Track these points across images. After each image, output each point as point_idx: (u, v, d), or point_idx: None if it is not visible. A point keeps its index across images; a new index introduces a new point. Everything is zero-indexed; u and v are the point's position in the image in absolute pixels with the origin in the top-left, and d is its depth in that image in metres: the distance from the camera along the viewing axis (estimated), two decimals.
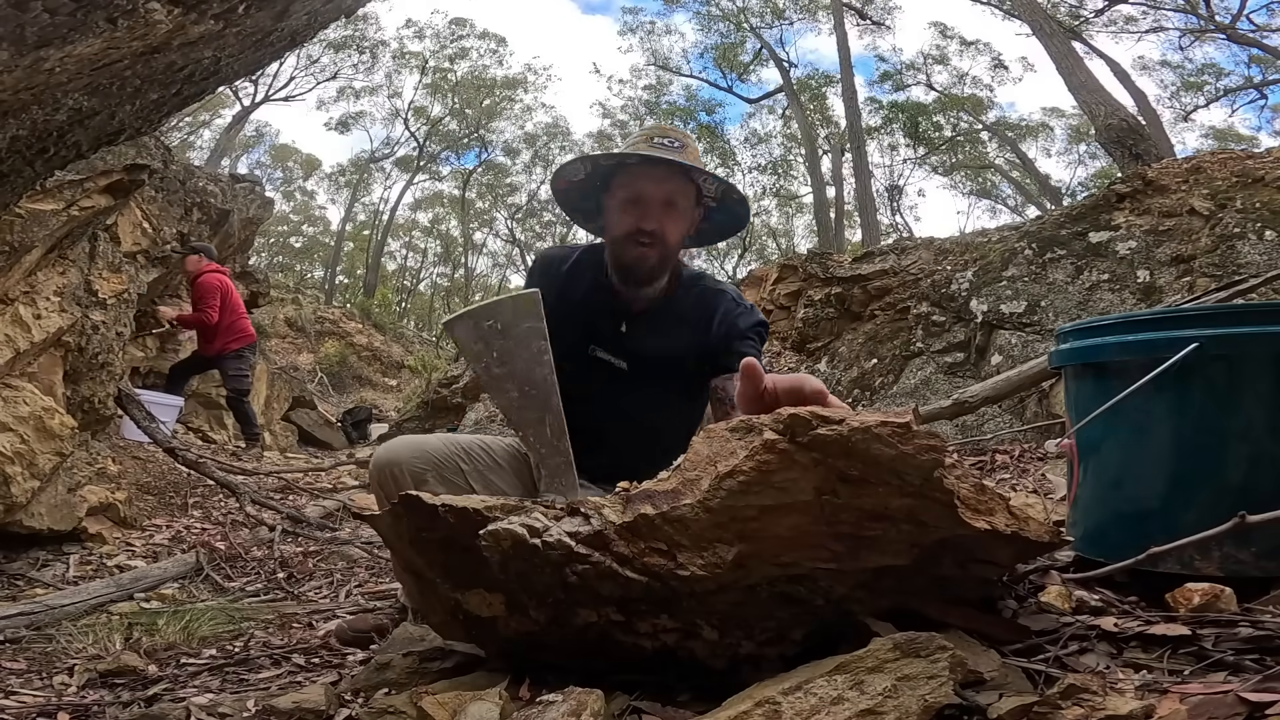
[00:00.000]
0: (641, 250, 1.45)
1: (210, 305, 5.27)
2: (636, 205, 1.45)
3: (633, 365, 1.51)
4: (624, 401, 1.50)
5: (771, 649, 0.84)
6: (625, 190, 1.47)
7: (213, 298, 5.27)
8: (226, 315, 5.41)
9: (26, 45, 1.17)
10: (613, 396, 1.50)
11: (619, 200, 1.48)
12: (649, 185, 1.44)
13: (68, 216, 3.01)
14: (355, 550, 2.87)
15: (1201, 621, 0.86)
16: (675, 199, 1.45)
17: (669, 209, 1.45)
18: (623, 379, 1.51)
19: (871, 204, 15.62)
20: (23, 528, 2.58)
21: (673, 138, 1.49)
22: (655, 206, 1.44)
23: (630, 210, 1.45)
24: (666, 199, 1.45)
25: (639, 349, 1.51)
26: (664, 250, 1.46)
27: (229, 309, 5.44)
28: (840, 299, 4.89)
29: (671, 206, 1.45)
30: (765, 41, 19.86)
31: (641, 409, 1.50)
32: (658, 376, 1.50)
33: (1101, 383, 1.20)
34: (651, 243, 1.44)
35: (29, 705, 1.34)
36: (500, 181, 26.95)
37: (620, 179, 1.48)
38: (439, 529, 0.87)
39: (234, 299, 5.58)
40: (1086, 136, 17.33)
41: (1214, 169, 3.86)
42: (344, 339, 13.60)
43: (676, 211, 1.46)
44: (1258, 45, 13.55)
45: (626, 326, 1.52)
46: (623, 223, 1.46)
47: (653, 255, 1.45)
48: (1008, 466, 2.78)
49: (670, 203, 1.45)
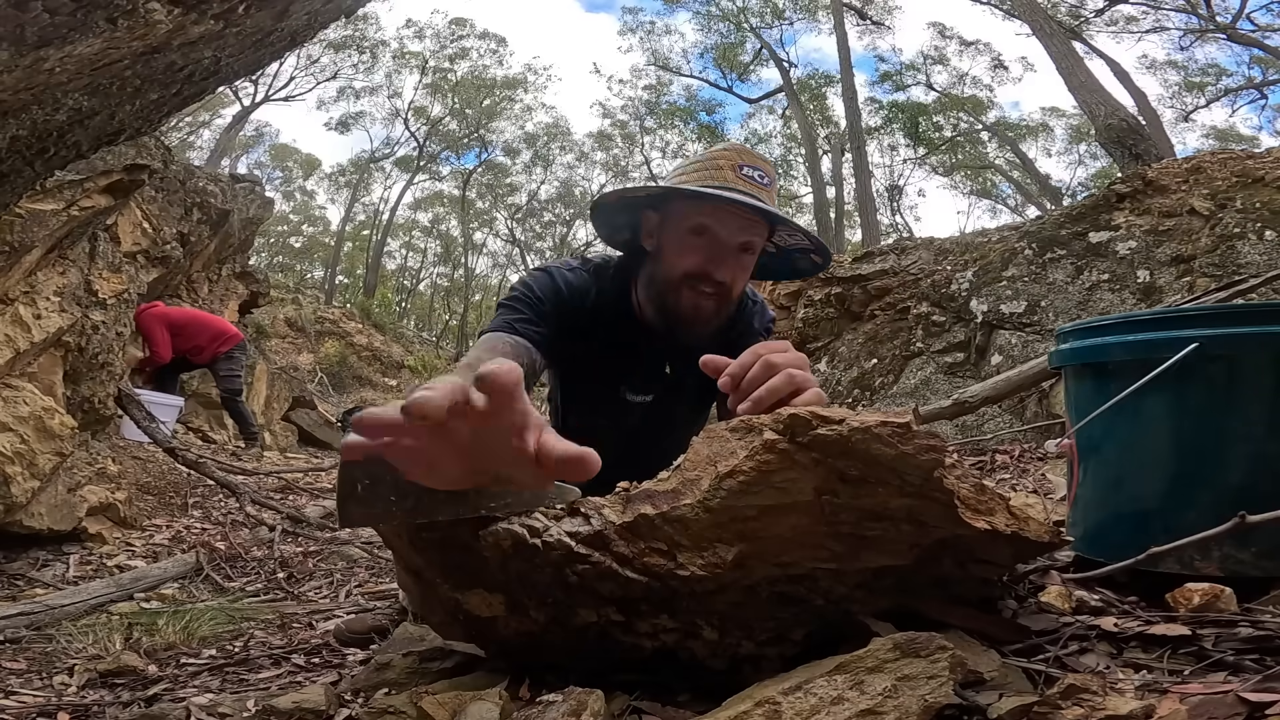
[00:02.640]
0: (701, 298, 1.23)
1: (155, 344, 5.22)
2: (709, 247, 1.22)
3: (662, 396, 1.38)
4: (648, 428, 1.39)
5: (771, 649, 0.84)
6: (696, 224, 1.22)
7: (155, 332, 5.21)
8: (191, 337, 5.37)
9: (26, 45, 1.17)
10: (638, 427, 1.40)
11: (684, 232, 1.24)
12: (731, 227, 1.21)
13: (68, 216, 3.01)
14: (355, 550, 2.88)
15: (1201, 621, 0.86)
16: (752, 245, 1.24)
17: (743, 256, 1.24)
18: (649, 408, 1.40)
19: (871, 204, 15.64)
20: (23, 528, 2.58)
21: (763, 171, 1.25)
22: (731, 253, 1.22)
23: (698, 250, 1.22)
24: (745, 245, 1.23)
25: (678, 383, 1.37)
26: (725, 302, 1.26)
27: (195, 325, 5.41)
28: (840, 299, 4.88)
29: (747, 253, 1.25)
30: (765, 41, 19.88)
31: (665, 430, 1.40)
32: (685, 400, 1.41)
33: (1101, 383, 1.20)
34: (715, 291, 1.22)
35: (29, 705, 1.34)
36: (500, 181, 27.00)
37: (691, 206, 1.23)
38: (439, 529, 0.87)
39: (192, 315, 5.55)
40: (1086, 136, 17.33)
41: (1214, 169, 3.86)
42: (344, 339, 13.60)
43: (749, 259, 1.26)
44: (1258, 45, 13.56)
45: (671, 368, 1.35)
46: (686, 262, 1.23)
47: (712, 305, 1.25)
48: (1008, 466, 2.78)
49: (747, 248, 1.24)
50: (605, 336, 1.34)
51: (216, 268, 6.97)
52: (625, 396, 1.40)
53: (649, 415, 1.41)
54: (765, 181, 1.24)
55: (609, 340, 1.34)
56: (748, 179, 1.22)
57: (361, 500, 0.80)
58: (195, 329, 5.47)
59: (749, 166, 1.24)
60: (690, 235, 1.23)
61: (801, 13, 19.80)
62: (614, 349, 1.35)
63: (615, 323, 1.34)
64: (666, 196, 1.27)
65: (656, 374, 1.37)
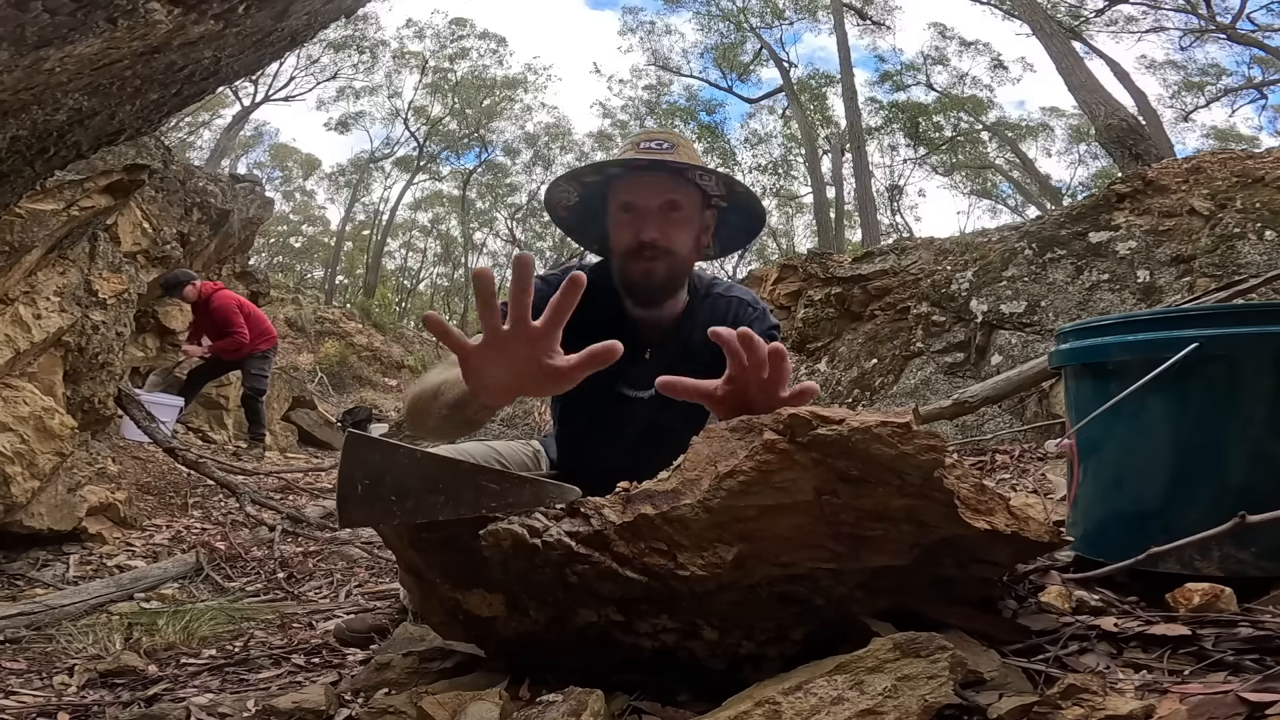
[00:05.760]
0: (646, 265, 1.31)
1: (239, 326, 5.31)
2: (632, 216, 1.32)
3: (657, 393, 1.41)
4: (647, 429, 1.41)
5: (771, 649, 0.84)
6: (620, 204, 1.34)
7: (236, 316, 5.32)
8: (250, 323, 5.46)
9: (26, 45, 1.17)
10: (638, 428, 1.41)
11: (615, 214, 1.35)
12: (641, 192, 1.31)
13: (68, 216, 3.01)
14: (355, 550, 2.88)
15: (1201, 621, 0.86)
16: (675, 203, 1.32)
17: (669, 214, 1.32)
18: (647, 407, 1.41)
19: (871, 204, 15.64)
20: (23, 528, 2.58)
21: (660, 140, 1.35)
22: (652, 214, 1.31)
23: (627, 223, 1.33)
24: (664, 204, 1.31)
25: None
26: (671, 261, 1.33)
27: (250, 317, 5.50)
28: (840, 299, 4.88)
29: (672, 211, 1.32)
30: (765, 41, 19.87)
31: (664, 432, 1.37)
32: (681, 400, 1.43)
33: (1101, 383, 1.20)
34: (655, 255, 1.30)
35: (29, 705, 1.34)
36: (500, 181, 26.96)
37: (612, 192, 1.36)
38: (439, 529, 0.87)
39: (249, 306, 5.64)
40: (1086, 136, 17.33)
41: (1214, 169, 3.86)
42: (344, 339, 13.58)
43: (679, 216, 1.33)
44: (1258, 45, 13.56)
45: (650, 354, 1.40)
46: (621, 238, 1.33)
47: (660, 268, 1.32)
48: (1008, 466, 2.77)
49: (671, 207, 1.32)
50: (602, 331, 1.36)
51: (216, 268, 6.96)
52: (623, 392, 1.41)
53: (650, 412, 1.41)
54: (666, 146, 1.33)
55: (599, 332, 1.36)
56: (647, 150, 1.32)
57: (361, 500, 0.80)
58: (252, 321, 5.51)
59: (647, 141, 1.35)
60: (619, 214, 1.34)
61: (801, 13, 19.80)
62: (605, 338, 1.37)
63: (608, 312, 1.38)
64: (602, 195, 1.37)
65: (640, 362, 1.38)
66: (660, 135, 1.37)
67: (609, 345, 0.82)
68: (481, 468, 0.86)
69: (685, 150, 1.36)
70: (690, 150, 1.38)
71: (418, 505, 0.81)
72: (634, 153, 1.34)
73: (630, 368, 1.35)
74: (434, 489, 0.81)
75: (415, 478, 0.81)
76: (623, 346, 0.81)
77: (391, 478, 0.80)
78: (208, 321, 5.34)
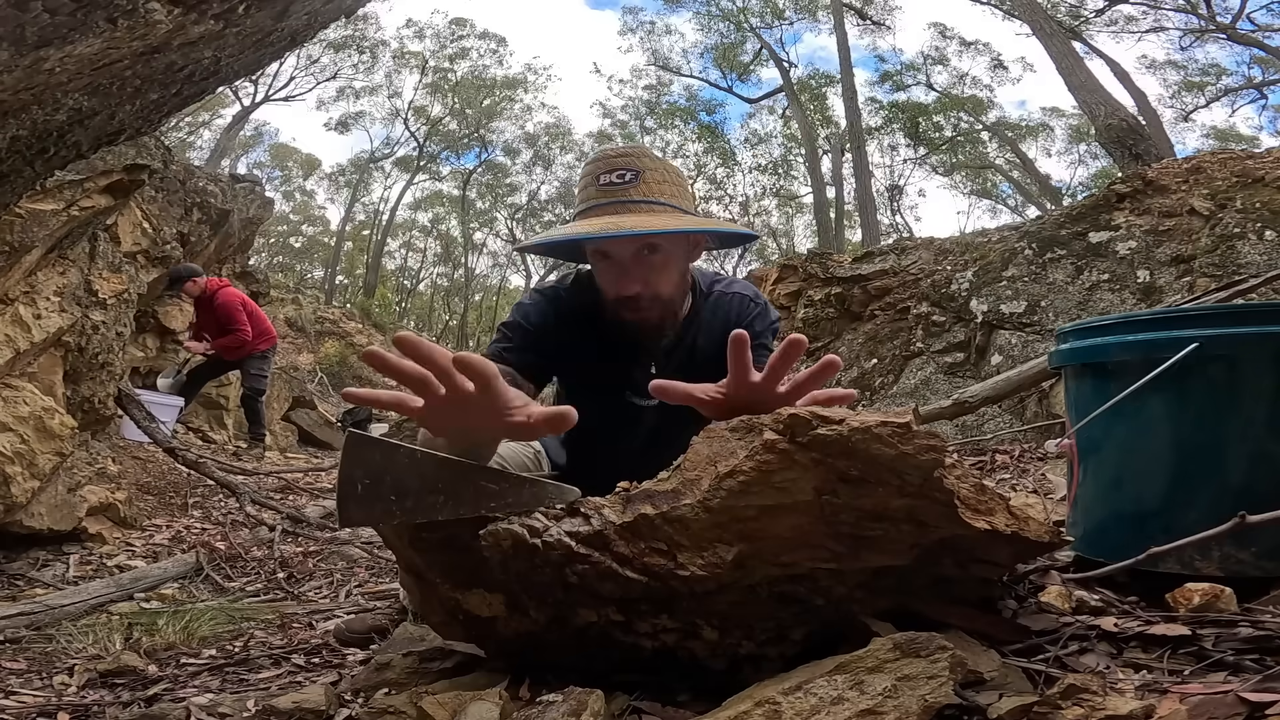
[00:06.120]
0: (634, 315, 1.28)
1: (241, 323, 5.32)
2: (609, 264, 1.26)
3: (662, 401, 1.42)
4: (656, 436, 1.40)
5: (771, 649, 0.84)
6: (594, 252, 1.28)
7: (240, 314, 5.33)
8: (251, 322, 5.46)
9: (26, 45, 1.17)
10: (646, 436, 1.42)
11: (591, 258, 1.30)
12: (617, 245, 1.24)
13: (68, 216, 3.01)
14: (355, 550, 2.88)
15: (1201, 621, 0.86)
16: (652, 245, 1.24)
17: (648, 258, 1.24)
18: (655, 415, 1.41)
19: (871, 204, 15.65)
20: (23, 528, 2.58)
21: (621, 169, 1.23)
22: (630, 265, 1.24)
23: (606, 271, 1.28)
24: (640, 248, 1.23)
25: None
26: (661, 305, 1.29)
27: (253, 316, 5.50)
28: (840, 299, 4.88)
29: (651, 254, 1.24)
30: (765, 41, 19.89)
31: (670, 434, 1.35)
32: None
33: (1101, 383, 1.20)
34: (640, 305, 1.26)
35: (29, 705, 1.34)
36: (500, 181, 26.97)
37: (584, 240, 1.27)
38: (439, 529, 0.87)
39: (252, 304, 5.64)
40: (1086, 136, 17.33)
41: (1214, 169, 3.86)
42: (344, 339, 13.58)
43: (659, 258, 1.25)
44: (1258, 45, 13.56)
45: (657, 368, 1.38)
46: (605, 286, 1.29)
47: (650, 314, 1.29)
48: (1008, 466, 2.77)
49: (648, 249, 1.24)
50: (598, 343, 1.38)
51: (216, 268, 6.96)
52: (631, 400, 1.40)
53: (657, 418, 1.41)
54: (628, 178, 1.23)
55: (603, 346, 1.38)
56: (607, 189, 1.23)
57: (361, 500, 0.81)
58: (253, 320, 5.51)
59: (607, 173, 1.24)
60: (597, 260, 1.30)
61: (801, 13, 19.81)
62: (609, 352, 1.38)
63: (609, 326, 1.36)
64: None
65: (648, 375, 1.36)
66: (622, 162, 1.25)
67: (563, 414, 0.79)
68: (481, 468, 0.86)
69: (651, 176, 1.25)
70: (657, 172, 1.26)
71: (418, 505, 0.81)
72: (596, 193, 1.24)
73: (637, 376, 1.36)
74: (434, 489, 0.81)
75: (415, 477, 0.81)
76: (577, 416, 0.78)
77: (391, 477, 0.80)
78: (211, 318, 5.34)
